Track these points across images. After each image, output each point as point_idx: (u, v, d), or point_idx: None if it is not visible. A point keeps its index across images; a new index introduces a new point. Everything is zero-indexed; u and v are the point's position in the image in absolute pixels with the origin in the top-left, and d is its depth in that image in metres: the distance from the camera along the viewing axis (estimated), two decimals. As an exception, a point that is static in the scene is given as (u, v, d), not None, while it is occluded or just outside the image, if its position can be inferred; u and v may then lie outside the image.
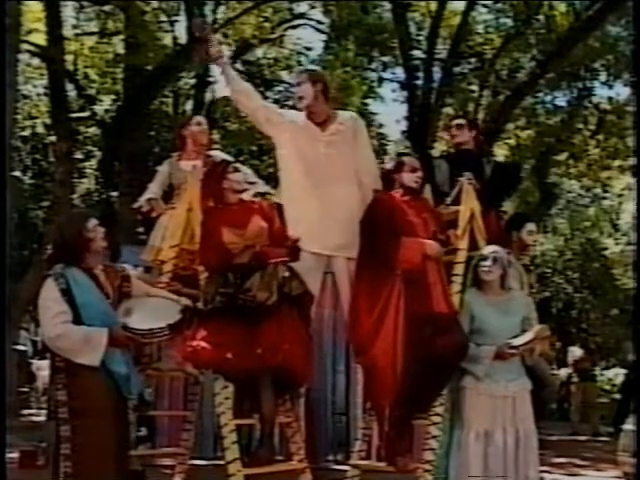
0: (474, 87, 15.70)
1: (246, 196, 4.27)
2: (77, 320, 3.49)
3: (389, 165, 4.35)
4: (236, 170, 4.19)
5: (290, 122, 4.41)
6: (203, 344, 3.80)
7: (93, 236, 3.62)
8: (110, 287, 3.65)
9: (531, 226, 4.76)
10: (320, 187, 4.30)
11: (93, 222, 3.67)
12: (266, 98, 16.12)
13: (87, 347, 3.47)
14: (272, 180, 6.17)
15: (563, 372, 13.39)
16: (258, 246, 3.97)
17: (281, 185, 4.52)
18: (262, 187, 4.98)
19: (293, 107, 4.78)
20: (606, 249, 21.68)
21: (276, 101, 15.80)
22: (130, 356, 3.69)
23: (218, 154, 5.20)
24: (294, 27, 16.87)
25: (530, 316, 4.38)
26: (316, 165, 4.31)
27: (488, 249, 4.15)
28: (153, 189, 5.20)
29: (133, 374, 3.67)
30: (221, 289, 3.90)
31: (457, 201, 4.43)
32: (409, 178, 4.21)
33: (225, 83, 4.44)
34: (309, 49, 16.83)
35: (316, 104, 4.38)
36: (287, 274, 3.92)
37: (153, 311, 3.66)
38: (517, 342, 4.00)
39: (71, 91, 14.74)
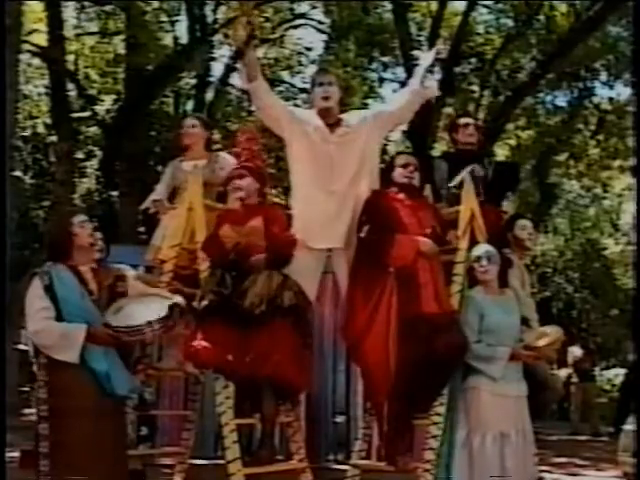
0: (475, 87, 15.70)
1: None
2: (58, 316, 3.51)
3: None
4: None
5: (301, 121, 4.43)
6: (204, 344, 3.81)
7: (78, 232, 3.64)
8: (96, 285, 3.65)
9: (523, 222, 4.76)
10: (329, 187, 4.32)
11: (79, 218, 3.70)
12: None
13: (65, 343, 3.48)
14: (271, 179, 6.16)
15: (563, 372, 13.37)
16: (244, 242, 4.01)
17: (292, 183, 4.53)
18: None
19: (296, 105, 4.82)
20: (606, 249, 21.66)
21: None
22: (115, 354, 3.65)
23: (224, 155, 5.20)
24: (295, 27, 16.89)
25: (531, 317, 4.40)
26: (325, 165, 4.32)
27: (480, 249, 4.15)
28: (158, 190, 5.22)
29: (118, 372, 3.62)
30: (215, 287, 3.91)
31: (457, 200, 4.44)
32: (399, 174, 4.23)
33: (246, 74, 4.41)
34: (310, 49, 16.86)
35: (335, 107, 4.42)
36: (281, 283, 3.93)
37: (142, 309, 3.64)
38: (540, 343, 4.02)
39: (72, 91, 14.75)
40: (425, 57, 4.63)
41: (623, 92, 16.03)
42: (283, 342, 3.84)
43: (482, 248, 4.15)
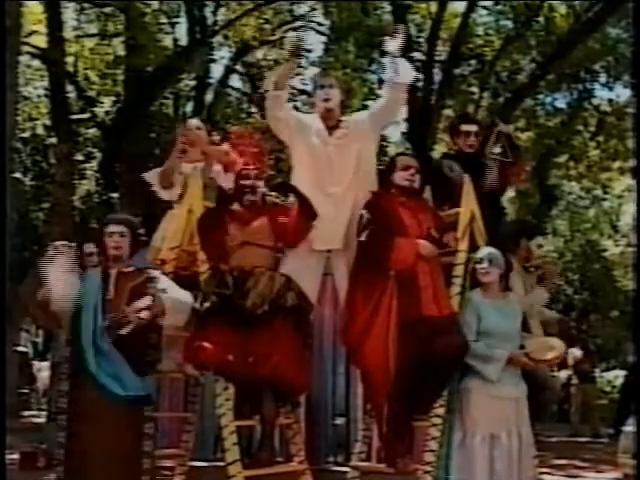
0: (474, 89, 15.69)
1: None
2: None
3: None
4: None
5: (305, 126, 4.44)
6: (204, 345, 3.81)
7: (106, 241, 3.81)
8: (116, 288, 3.73)
9: (541, 240, 4.84)
10: (327, 188, 4.31)
11: (108, 228, 3.83)
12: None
13: None
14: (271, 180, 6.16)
15: (563, 374, 13.38)
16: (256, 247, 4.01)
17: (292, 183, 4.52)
18: None
19: (295, 107, 4.83)
20: (606, 250, 21.67)
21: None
22: (114, 357, 3.66)
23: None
24: (294, 29, 16.86)
25: (539, 301, 4.43)
26: (325, 167, 4.34)
27: (483, 251, 4.16)
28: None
29: (120, 375, 3.65)
30: (217, 289, 3.91)
31: (457, 203, 4.43)
32: (400, 177, 4.22)
33: (277, 80, 4.43)
34: (309, 51, 16.78)
35: (336, 109, 4.42)
36: (283, 284, 3.93)
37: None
38: (547, 356, 4.05)
39: (71, 93, 14.74)
40: (390, 44, 4.53)
41: (623, 94, 16.05)
42: (284, 343, 3.85)
43: (485, 250, 4.15)
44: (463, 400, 4.01)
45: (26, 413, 11.85)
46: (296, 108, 4.82)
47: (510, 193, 5.04)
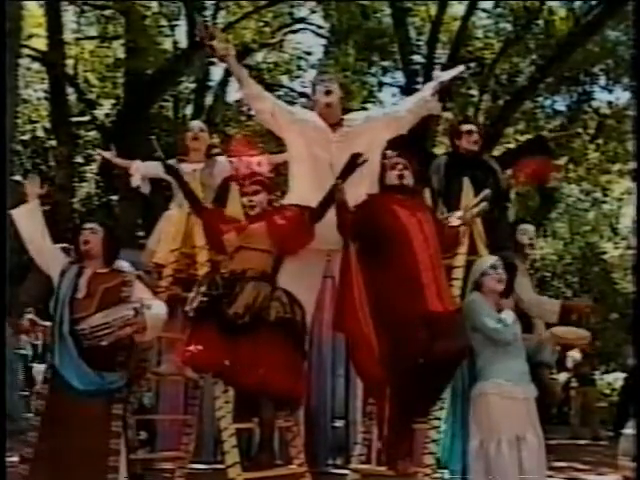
0: (474, 91, 15.70)
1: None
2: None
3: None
4: None
5: (302, 121, 4.40)
6: (199, 348, 3.79)
7: (78, 238, 3.86)
8: (88, 288, 3.72)
9: (524, 226, 4.77)
10: (328, 185, 4.28)
11: (83, 225, 3.94)
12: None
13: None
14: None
15: (563, 376, 13.36)
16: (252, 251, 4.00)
17: (290, 184, 4.49)
18: None
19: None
20: (606, 253, 21.64)
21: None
22: (69, 352, 3.64)
23: (221, 159, 5.21)
24: (294, 32, 16.91)
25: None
26: (325, 165, 4.28)
27: (491, 258, 4.13)
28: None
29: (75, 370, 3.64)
30: (206, 290, 3.89)
31: (457, 204, 4.41)
32: (391, 175, 4.20)
33: (237, 83, 4.44)
34: (309, 53, 16.88)
35: (336, 105, 4.40)
36: (268, 296, 3.90)
37: (112, 313, 3.65)
38: (574, 336, 4.08)
39: (71, 95, 14.78)
40: (445, 74, 4.64)
41: (622, 96, 16.00)
42: (270, 354, 3.76)
43: (492, 257, 4.12)
44: (480, 406, 3.97)
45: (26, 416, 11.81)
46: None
47: (510, 195, 4.99)
